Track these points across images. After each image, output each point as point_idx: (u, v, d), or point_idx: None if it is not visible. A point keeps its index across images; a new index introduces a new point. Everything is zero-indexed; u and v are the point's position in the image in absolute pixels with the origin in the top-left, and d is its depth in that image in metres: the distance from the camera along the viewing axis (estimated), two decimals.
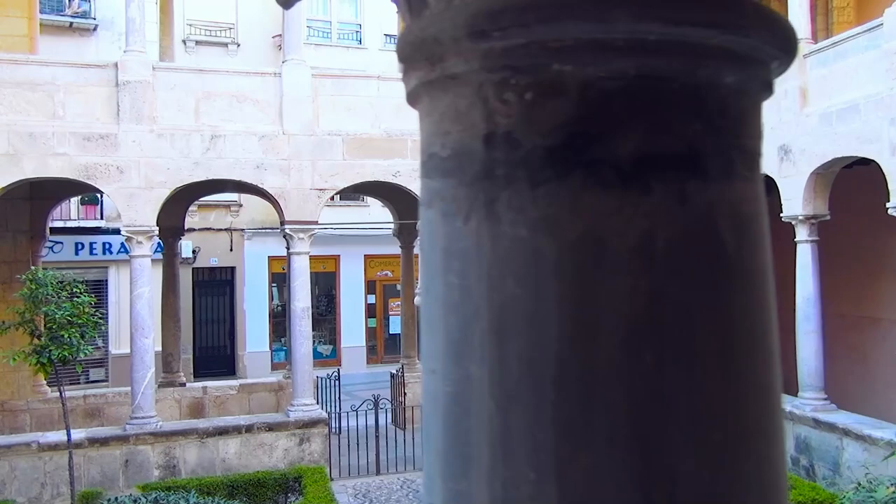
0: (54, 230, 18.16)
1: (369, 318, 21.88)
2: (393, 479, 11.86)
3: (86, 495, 9.74)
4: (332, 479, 11.85)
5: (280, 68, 11.98)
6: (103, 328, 9.93)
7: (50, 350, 8.73)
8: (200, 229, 20.76)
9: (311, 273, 22.25)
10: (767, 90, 0.76)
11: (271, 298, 21.55)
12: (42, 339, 8.84)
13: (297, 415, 11.72)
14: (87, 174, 10.97)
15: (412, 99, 0.78)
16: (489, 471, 0.67)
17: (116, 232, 17.15)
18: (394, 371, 15.44)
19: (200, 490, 9.98)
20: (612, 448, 0.63)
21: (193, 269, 20.69)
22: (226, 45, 21.10)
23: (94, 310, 9.40)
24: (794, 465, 11.32)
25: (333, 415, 14.11)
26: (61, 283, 9.28)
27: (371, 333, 22.07)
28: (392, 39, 21.09)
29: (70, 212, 18.22)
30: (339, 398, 14.12)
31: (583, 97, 0.66)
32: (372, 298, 22.23)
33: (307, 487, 9.76)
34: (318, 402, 14.43)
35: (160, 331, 14.56)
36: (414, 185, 12.41)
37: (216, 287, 21.25)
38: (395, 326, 20.27)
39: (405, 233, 16.35)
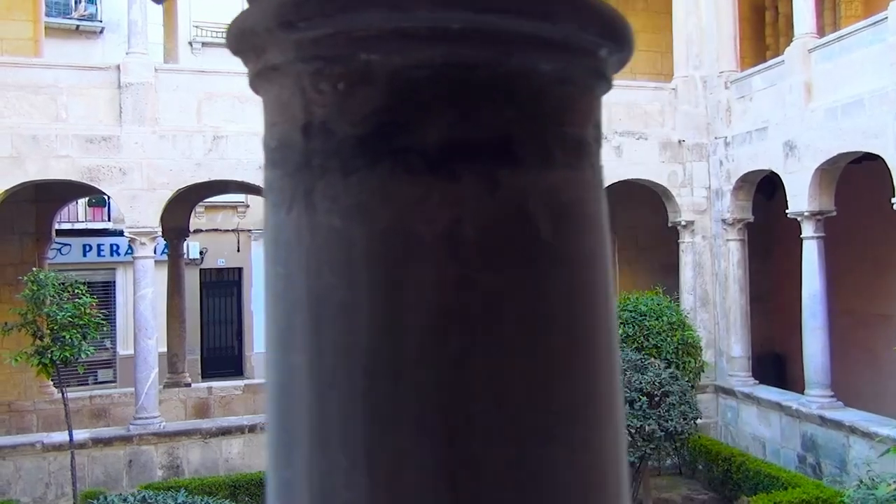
0: (62, 232, 18.26)
1: None
2: None
3: (88, 495, 9.75)
4: None
5: None
6: (105, 329, 9.93)
7: (52, 351, 8.77)
8: (208, 230, 20.82)
9: None
10: (599, 78, 0.75)
11: None
12: (44, 340, 8.88)
13: None
14: (89, 176, 11.01)
15: (253, 90, 0.79)
16: (309, 459, 0.68)
17: (123, 234, 17.30)
18: None
19: (202, 490, 9.99)
20: (418, 436, 0.63)
21: (201, 270, 20.75)
22: None
23: (96, 311, 9.42)
24: (801, 463, 11.23)
25: None
26: (63, 284, 9.31)
27: None
28: None
29: (77, 214, 18.32)
30: None
31: (390, 86, 0.66)
32: None
33: None
34: None
35: (165, 332, 14.62)
36: None
37: (224, 288, 21.32)
38: None
39: None
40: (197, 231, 20.71)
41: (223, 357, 21.00)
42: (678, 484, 11.57)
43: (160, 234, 11.49)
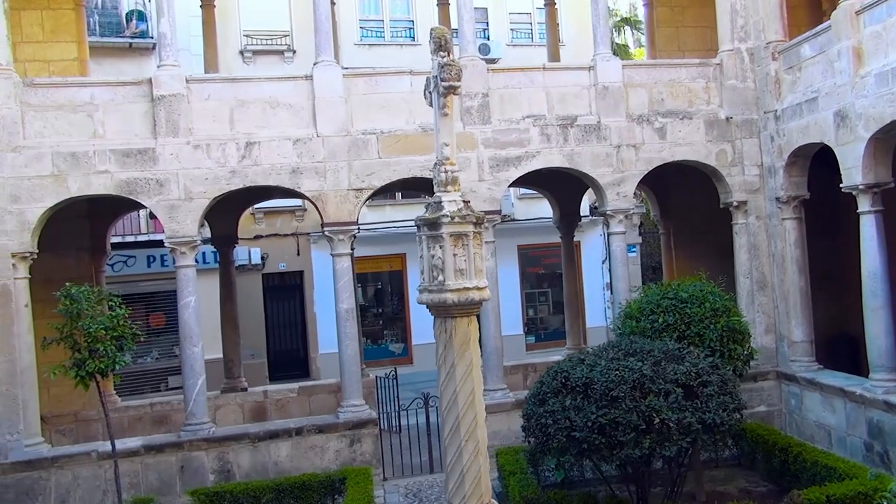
0: (126, 245, 18.86)
1: None
2: (443, 479, 11.68)
3: (137, 502, 9.97)
4: (385, 479, 11.83)
5: (311, 71, 11.97)
6: (142, 338, 10.08)
7: (87, 363, 8.95)
8: (268, 236, 21.16)
9: (378, 272, 22.51)
10: None
11: None
12: (82, 352, 9.07)
13: (347, 416, 11.72)
14: (128, 189, 11.25)
15: None
16: None
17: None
18: None
19: (248, 494, 10.09)
20: None
21: (263, 275, 21.10)
22: (282, 52, 21.39)
23: (130, 321, 9.56)
24: (868, 451, 10.61)
25: (392, 414, 14.12)
26: (100, 296, 9.49)
27: None
28: None
29: (140, 226, 18.85)
30: (398, 397, 14.10)
31: None
32: None
33: (349, 489, 9.72)
34: (377, 402, 14.48)
35: (220, 338, 14.87)
36: None
37: (286, 291, 21.62)
38: None
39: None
40: (257, 237, 21.11)
41: (289, 359, 21.31)
42: (736, 476, 11.08)
43: (199, 243, 11.62)
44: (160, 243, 19.09)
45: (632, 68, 13.13)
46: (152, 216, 18.87)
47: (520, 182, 14.43)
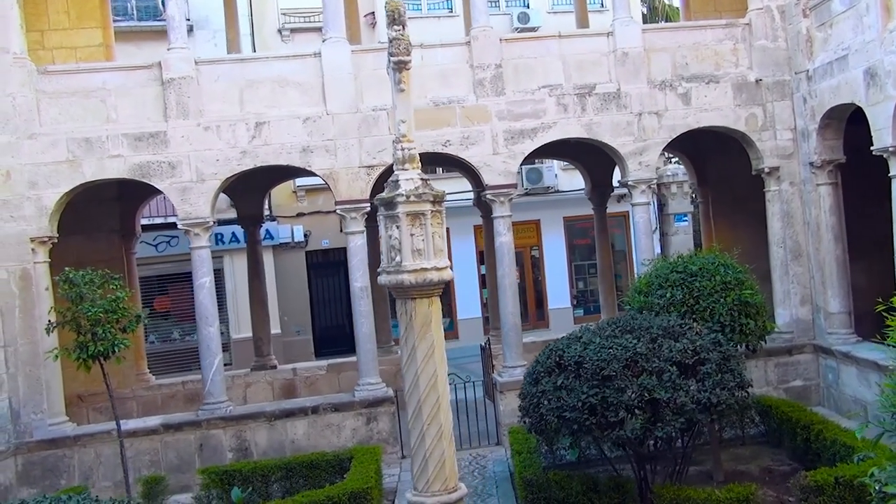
0: (168, 226, 19.22)
1: (483, 288, 21.57)
2: (464, 455, 11.58)
3: (150, 480, 10.18)
4: (403, 457, 11.77)
5: (319, 48, 11.86)
6: (146, 321, 10.23)
7: (88, 346, 9.12)
8: (310, 213, 21.28)
9: None
10: None
11: None
12: (83, 335, 9.23)
13: (363, 394, 11.70)
14: (141, 173, 11.39)
15: None
16: None
17: (226, 223, 17.93)
18: (482, 344, 15.13)
19: (258, 473, 10.16)
20: None
21: (306, 252, 21.25)
22: (320, 29, 21.28)
23: (131, 304, 9.70)
24: None
25: None
26: (104, 280, 9.61)
27: (487, 304, 21.75)
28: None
29: None
30: None
31: None
32: (485, 269, 21.90)
33: (352, 468, 9.69)
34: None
35: (249, 317, 15.05)
36: (465, 153, 11.96)
37: (330, 268, 21.73)
38: None
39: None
40: (300, 214, 21.28)
41: (335, 336, 21.47)
42: (762, 454, 10.62)
43: (213, 223, 11.71)
44: None
45: (653, 32, 12.58)
46: None
47: (545, 154, 14.10)
